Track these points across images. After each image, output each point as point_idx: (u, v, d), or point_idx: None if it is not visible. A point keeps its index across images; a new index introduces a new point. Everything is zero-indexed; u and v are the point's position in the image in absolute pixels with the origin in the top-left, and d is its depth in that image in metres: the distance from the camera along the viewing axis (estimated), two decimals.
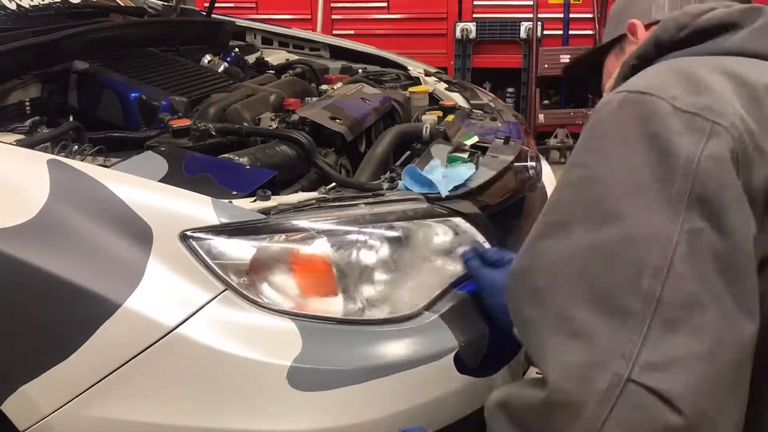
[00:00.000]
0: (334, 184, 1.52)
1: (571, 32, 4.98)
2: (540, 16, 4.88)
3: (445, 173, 1.47)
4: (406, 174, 1.45)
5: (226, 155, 1.54)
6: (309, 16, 5.22)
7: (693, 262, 0.74)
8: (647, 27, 1.18)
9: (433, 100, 2.28)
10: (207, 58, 2.41)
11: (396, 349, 1.22)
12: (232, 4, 5.04)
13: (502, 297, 1.03)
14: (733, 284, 0.75)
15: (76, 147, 1.46)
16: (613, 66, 1.25)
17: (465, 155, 1.64)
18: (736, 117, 0.81)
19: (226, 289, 1.18)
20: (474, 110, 2.17)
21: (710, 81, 0.86)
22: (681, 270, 0.74)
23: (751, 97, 0.84)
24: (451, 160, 1.59)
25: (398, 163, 1.75)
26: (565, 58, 4.87)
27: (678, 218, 0.75)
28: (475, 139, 1.74)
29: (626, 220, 0.77)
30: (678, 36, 1.02)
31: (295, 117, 1.80)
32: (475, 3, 5.06)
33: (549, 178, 2.03)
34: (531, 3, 4.87)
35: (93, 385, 1.15)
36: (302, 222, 1.26)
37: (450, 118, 1.97)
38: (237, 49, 2.59)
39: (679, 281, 0.74)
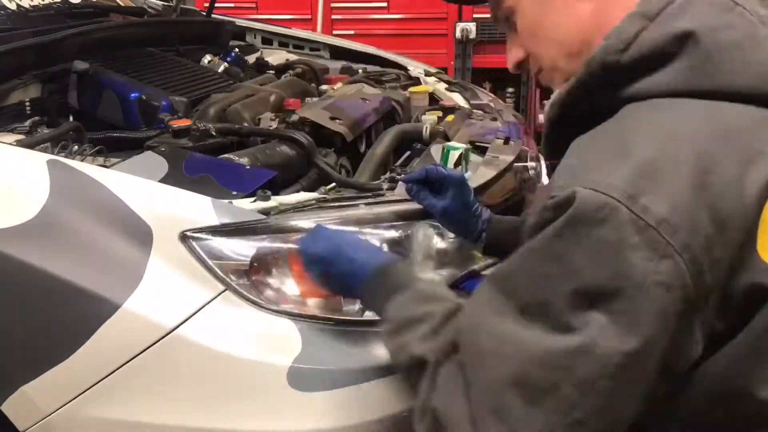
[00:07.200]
0: (334, 184, 1.52)
1: None
2: None
3: None
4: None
5: (226, 155, 1.54)
6: (309, 16, 5.21)
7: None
8: None
9: (433, 100, 2.28)
10: (207, 58, 2.40)
11: None
12: (232, 4, 5.03)
13: (458, 223, 1.31)
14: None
15: (76, 147, 1.46)
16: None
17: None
18: (691, 233, 0.75)
19: (226, 290, 1.18)
20: (474, 110, 2.17)
21: (669, 174, 0.77)
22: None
23: (713, 192, 0.77)
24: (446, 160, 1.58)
25: (398, 163, 1.75)
26: None
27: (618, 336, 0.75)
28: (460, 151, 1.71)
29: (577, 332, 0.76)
30: (622, 60, 0.86)
31: (295, 117, 1.80)
32: None
33: (549, 179, 2.03)
34: None
35: (93, 386, 1.15)
36: (302, 222, 1.26)
37: (450, 118, 1.97)
38: (237, 49, 2.59)
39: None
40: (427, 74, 2.56)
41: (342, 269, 1.08)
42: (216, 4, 2.70)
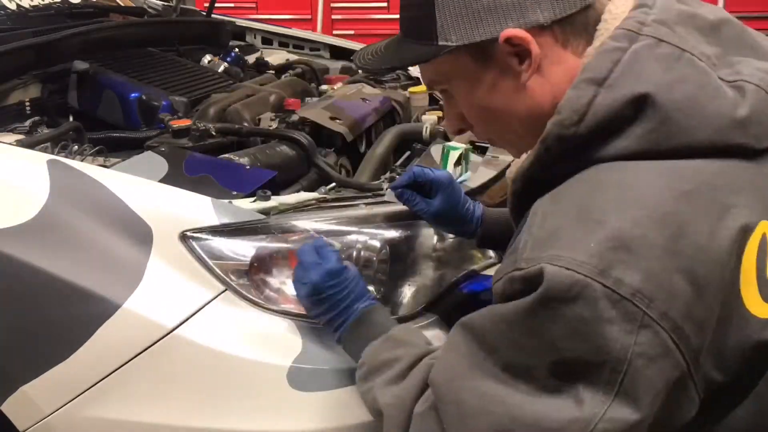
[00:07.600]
0: (334, 184, 1.52)
1: None
2: None
3: None
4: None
5: (226, 155, 1.54)
6: (309, 16, 5.22)
7: None
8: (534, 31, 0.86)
9: (433, 100, 2.28)
10: (207, 58, 2.40)
11: None
12: (232, 4, 5.04)
13: (451, 224, 1.28)
14: None
15: (76, 147, 1.47)
16: (468, 71, 0.91)
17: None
18: (668, 300, 0.74)
19: (226, 290, 1.18)
20: None
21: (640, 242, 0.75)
22: None
23: (688, 256, 0.76)
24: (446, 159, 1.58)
25: (398, 163, 1.75)
26: None
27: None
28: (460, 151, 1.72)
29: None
30: (579, 131, 0.83)
31: (295, 117, 1.80)
32: None
33: None
34: None
35: (93, 386, 1.15)
36: (302, 222, 1.26)
37: None
38: (237, 49, 2.59)
39: None
40: None
41: (325, 315, 1.11)
42: (216, 4, 2.69)
